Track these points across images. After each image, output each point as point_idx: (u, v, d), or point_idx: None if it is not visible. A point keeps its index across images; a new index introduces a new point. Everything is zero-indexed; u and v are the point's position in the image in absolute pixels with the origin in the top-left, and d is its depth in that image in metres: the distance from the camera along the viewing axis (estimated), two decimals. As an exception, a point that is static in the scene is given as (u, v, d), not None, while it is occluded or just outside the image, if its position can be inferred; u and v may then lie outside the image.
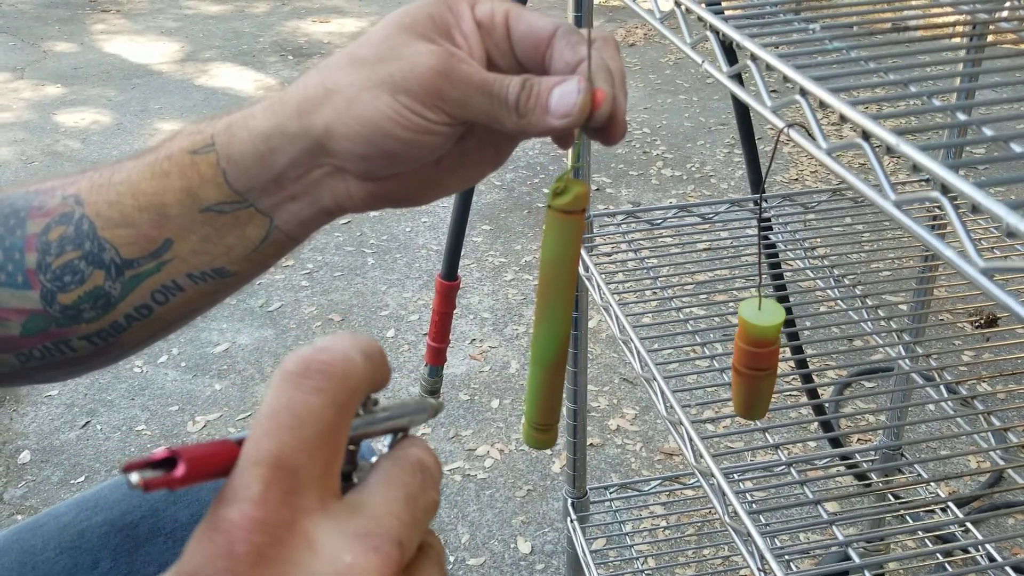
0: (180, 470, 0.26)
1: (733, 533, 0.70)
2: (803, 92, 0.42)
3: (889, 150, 0.36)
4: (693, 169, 2.94)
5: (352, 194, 0.49)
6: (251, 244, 0.50)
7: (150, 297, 0.50)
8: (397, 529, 0.29)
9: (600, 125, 0.45)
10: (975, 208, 0.30)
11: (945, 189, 0.32)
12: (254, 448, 0.28)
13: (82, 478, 1.77)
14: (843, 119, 0.38)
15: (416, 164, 0.48)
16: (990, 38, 0.66)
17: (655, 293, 1.02)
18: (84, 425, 1.91)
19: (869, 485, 1.34)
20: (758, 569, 0.66)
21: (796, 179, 2.82)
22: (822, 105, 0.41)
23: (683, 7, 0.58)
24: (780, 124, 0.44)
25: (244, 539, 0.26)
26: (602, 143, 0.47)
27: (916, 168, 0.33)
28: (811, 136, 0.42)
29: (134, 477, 0.26)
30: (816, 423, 1.63)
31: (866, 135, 0.37)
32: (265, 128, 0.47)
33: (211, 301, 0.52)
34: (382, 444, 0.35)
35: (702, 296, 1.06)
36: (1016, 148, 0.37)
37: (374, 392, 0.33)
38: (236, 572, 0.26)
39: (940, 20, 0.66)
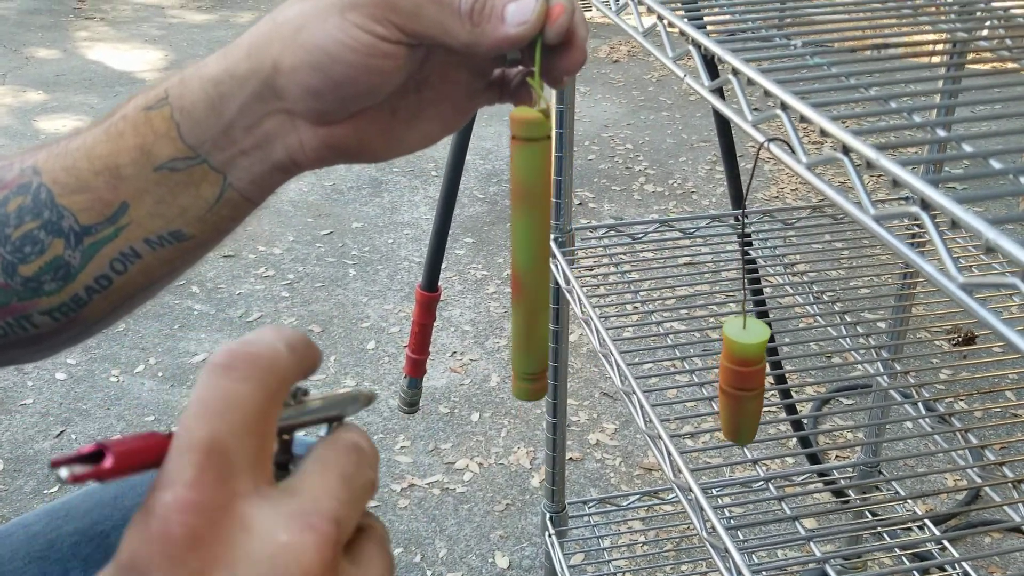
0: (108, 462, 0.27)
1: (711, 549, 0.69)
2: (784, 106, 0.42)
3: (869, 165, 0.36)
4: (675, 185, 2.95)
5: (304, 144, 0.49)
6: (206, 204, 0.50)
7: (108, 266, 0.50)
8: (334, 508, 0.30)
9: (556, 41, 0.46)
10: (954, 224, 0.30)
11: (925, 204, 0.32)
12: (186, 435, 0.28)
13: (55, 488, 1.74)
14: (824, 133, 0.38)
15: (369, 99, 0.47)
16: (969, 57, 0.67)
17: (636, 307, 1.02)
18: (59, 434, 1.89)
19: (847, 502, 1.34)
20: (735, 585, 0.66)
21: (777, 196, 2.84)
22: (803, 120, 0.41)
23: (666, 21, 0.58)
24: (761, 138, 0.44)
25: (179, 521, 0.27)
26: (563, 71, 0.47)
27: (896, 184, 0.34)
28: (792, 151, 0.42)
29: (63, 472, 0.26)
30: (794, 439, 1.63)
31: (846, 150, 0.37)
32: (216, 73, 0.47)
33: (170, 270, 0.52)
34: (320, 434, 0.35)
35: (682, 311, 1.06)
36: (995, 165, 0.37)
37: (303, 378, 0.33)
38: (171, 555, 0.26)
39: (920, 39, 0.66)
